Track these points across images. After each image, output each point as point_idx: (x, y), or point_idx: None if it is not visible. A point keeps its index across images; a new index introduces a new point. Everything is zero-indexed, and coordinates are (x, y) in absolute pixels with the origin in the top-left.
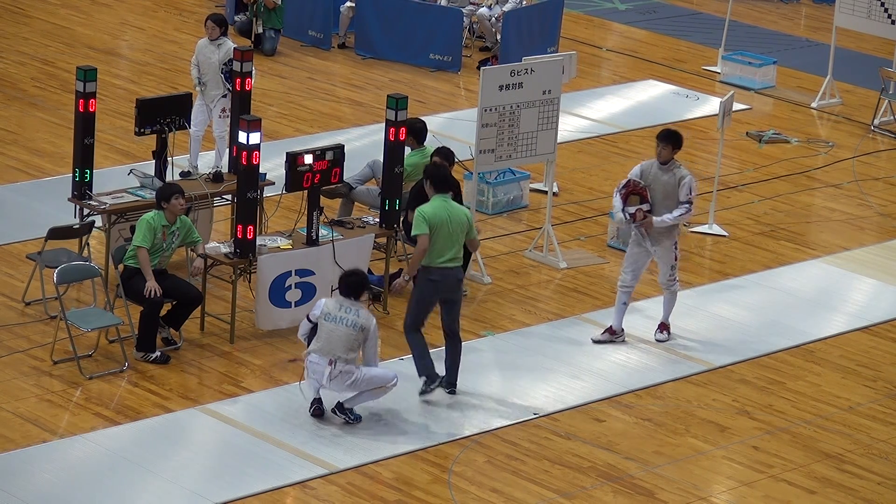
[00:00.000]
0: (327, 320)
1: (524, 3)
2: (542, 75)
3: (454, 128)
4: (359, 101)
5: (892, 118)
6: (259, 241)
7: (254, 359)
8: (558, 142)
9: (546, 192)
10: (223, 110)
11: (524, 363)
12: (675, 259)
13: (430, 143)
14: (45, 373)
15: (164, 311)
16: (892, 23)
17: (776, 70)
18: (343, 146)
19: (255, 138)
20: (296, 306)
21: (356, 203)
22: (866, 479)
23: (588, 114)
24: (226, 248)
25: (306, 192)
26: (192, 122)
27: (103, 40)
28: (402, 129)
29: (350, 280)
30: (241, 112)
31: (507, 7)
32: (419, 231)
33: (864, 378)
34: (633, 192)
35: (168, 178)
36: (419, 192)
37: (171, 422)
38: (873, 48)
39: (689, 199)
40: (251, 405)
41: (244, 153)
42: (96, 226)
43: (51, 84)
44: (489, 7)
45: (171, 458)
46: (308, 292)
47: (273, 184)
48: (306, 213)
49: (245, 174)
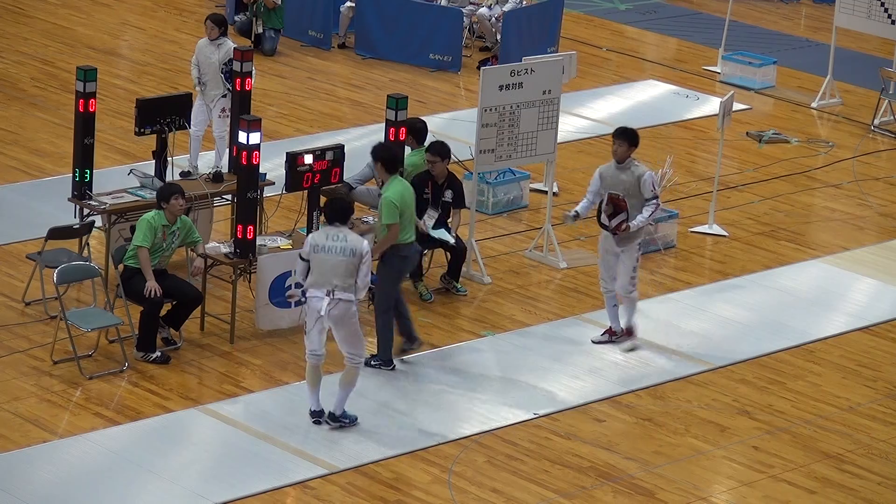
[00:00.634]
0: (317, 252)
1: (524, 3)
2: (542, 75)
3: (454, 128)
4: (359, 101)
5: (892, 118)
6: (259, 241)
7: (254, 359)
8: (558, 142)
9: (546, 192)
10: (223, 110)
11: (524, 363)
12: (637, 261)
13: (429, 143)
14: (45, 373)
15: (164, 311)
16: (893, 23)
17: (776, 70)
18: (343, 146)
19: (255, 138)
20: (296, 306)
21: (356, 203)
22: (866, 479)
23: (588, 114)
24: (226, 248)
25: (306, 192)
26: (191, 122)
27: (103, 40)
28: (402, 129)
29: (334, 206)
30: (241, 112)
31: (507, 7)
32: (393, 220)
33: (864, 378)
34: (617, 206)
35: (168, 178)
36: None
37: (171, 422)
38: (873, 48)
39: (654, 195)
40: (251, 405)
41: (244, 153)
42: (96, 226)
43: (51, 84)
44: (489, 7)
45: (171, 458)
46: None
47: (273, 184)
48: (306, 213)
49: (245, 174)
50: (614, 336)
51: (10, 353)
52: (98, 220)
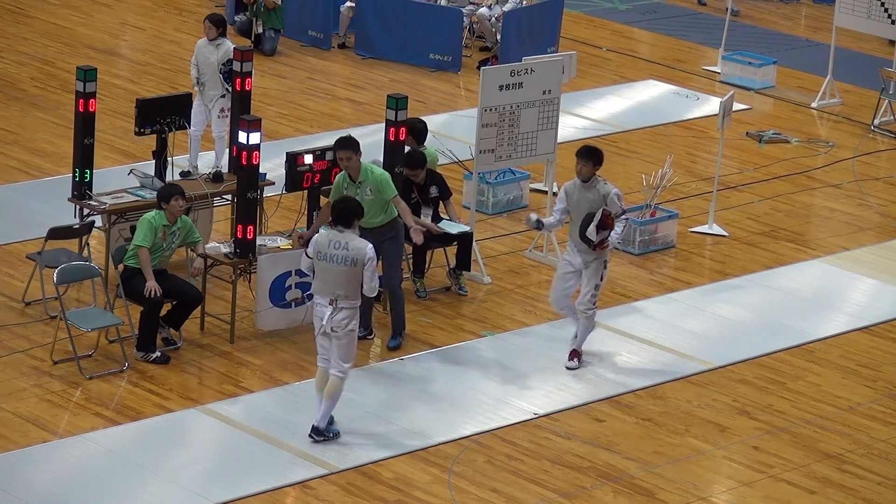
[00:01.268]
0: (320, 259)
1: (524, 3)
2: (542, 75)
3: (454, 128)
4: (359, 101)
5: (892, 118)
6: (259, 241)
7: (254, 359)
8: (558, 142)
9: (546, 192)
10: (222, 110)
11: (524, 363)
12: (601, 279)
13: (429, 143)
14: (45, 373)
15: (164, 311)
16: (893, 23)
17: (776, 70)
18: None
19: (255, 138)
20: (296, 306)
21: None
22: (866, 479)
23: (588, 114)
24: (226, 248)
25: (306, 192)
26: (191, 122)
27: (103, 40)
28: (402, 129)
29: (339, 206)
30: (241, 112)
31: (507, 7)
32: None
33: (864, 378)
34: (606, 223)
35: (168, 178)
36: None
37: (171, 422)
38: (873, 48)
39: (623, 210)
40: (251, 405)
41: (244, 153)
42: (96, 226)
43: (51, 84)
44: (489, 7)
45: (171, 458)
46: (308, 292)
47: (273, 184)
48: (306, 213)
49: (245, 174)
50: (580, 357)
51: (10, 353)
52: (98, 220)
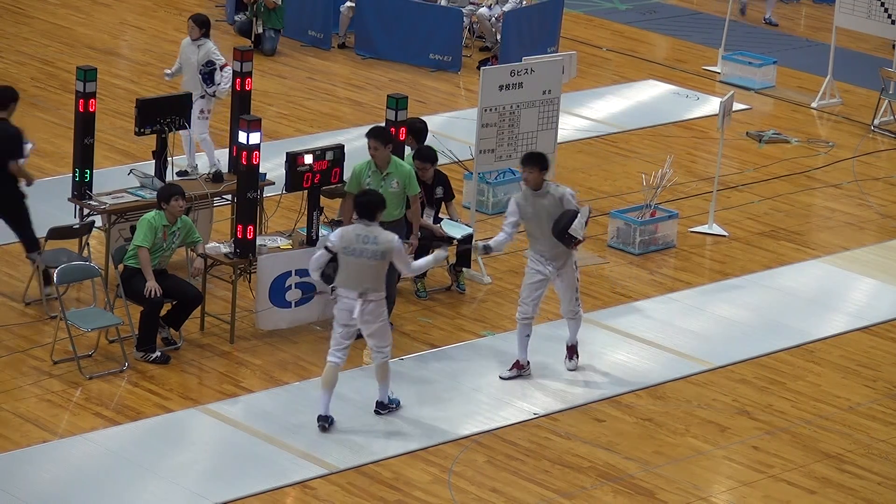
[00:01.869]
0: (347, 253)
1: (524, 3)
2: (542, 75)
3: (454, 128)
4: (359, 101)
5: (892, 118)
6: (259, 241)
7: (254, 359)
8: (558, 142)
9: None
10: (201, 111)
11: None
12: (577, 280)
13: (430, 143)
14: (45, 373)
15: (164, 311)
16: (893, 23)
17: (776, 70)
18: (343, 146)
19: (255, 138)
20: (296, 306)
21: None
22: (866, 479)
23: (588, 114)
24: (226, 248)
25: (306, 192)
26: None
27: (103, 40)
28: (403, 129)
29: (363, 200)
30: (241, 112)
31: (507, 7)
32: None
33: (864, 378)
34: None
35: (168, 178)
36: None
37: (171, 422)
38: (873, 48)
39: (578, 205)
40: (251, 405)
41: (244, 153)
42: (96, 226)
43: (51, 84)
44: (489, 7)
45: (171, 458)
46: (308, 292)
47: (273, 184)
48: (306, 213)
49: (245, 174)
50: (522, 369)
51: (10, 353)
52: (98, 220)
